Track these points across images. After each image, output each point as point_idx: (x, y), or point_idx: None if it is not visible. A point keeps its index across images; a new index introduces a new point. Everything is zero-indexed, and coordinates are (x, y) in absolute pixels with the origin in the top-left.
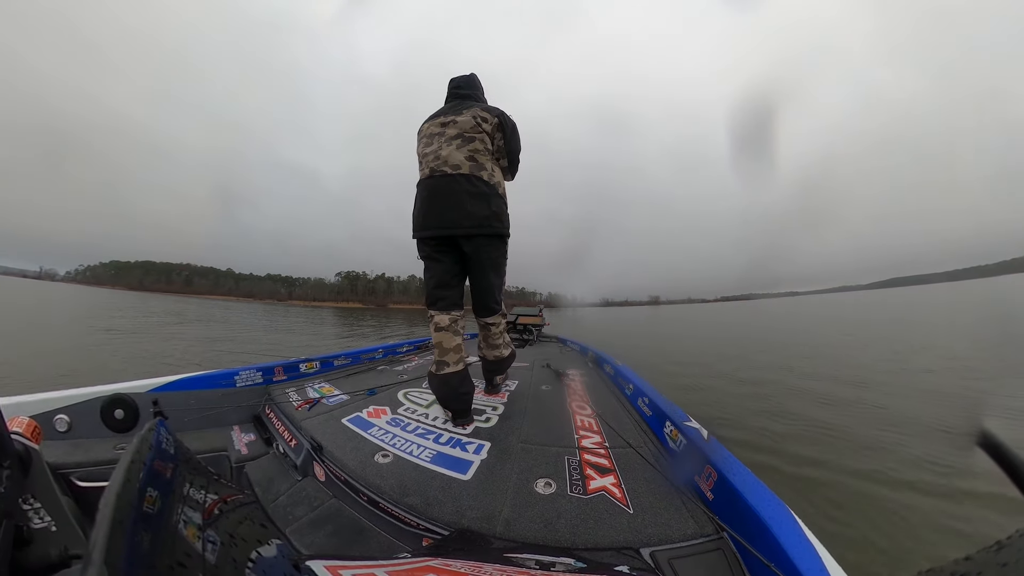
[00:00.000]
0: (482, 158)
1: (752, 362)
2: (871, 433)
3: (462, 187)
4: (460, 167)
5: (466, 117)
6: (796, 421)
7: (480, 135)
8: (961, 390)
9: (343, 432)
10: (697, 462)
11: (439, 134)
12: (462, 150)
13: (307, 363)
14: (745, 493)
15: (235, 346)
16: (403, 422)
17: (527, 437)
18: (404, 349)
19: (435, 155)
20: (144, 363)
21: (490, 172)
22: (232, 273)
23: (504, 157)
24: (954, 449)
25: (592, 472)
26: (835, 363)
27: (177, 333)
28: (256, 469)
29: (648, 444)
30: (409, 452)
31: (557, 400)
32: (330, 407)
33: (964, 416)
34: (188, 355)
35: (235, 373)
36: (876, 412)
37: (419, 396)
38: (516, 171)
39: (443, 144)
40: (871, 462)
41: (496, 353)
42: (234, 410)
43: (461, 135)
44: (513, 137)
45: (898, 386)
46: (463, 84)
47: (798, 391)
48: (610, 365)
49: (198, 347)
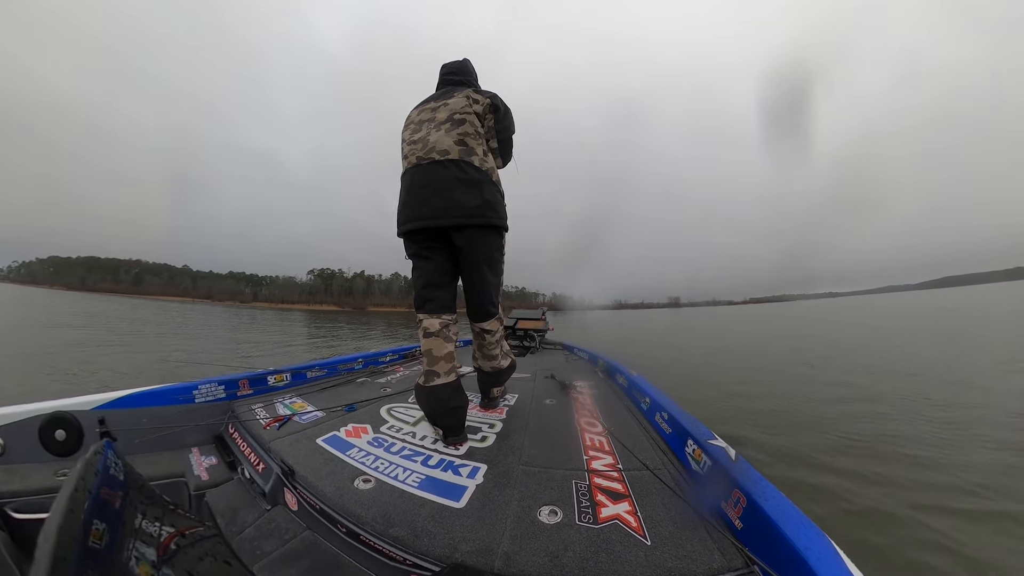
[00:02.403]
0: (472, 142)
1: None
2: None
3: (451, 173)
4: (449, 152)
5: (457, 99)
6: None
7: (470, 116)
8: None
9: (318, 454)
10: (724, 486)
11: (429, 120)
12: (451, 134)
13: (276, 375)
14: (779, 521)
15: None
16: (387, 442)
17: (529, 458)
18: (387, 359)
19: (423, 143)
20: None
21: (481, 157)
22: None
23: (494, 138)
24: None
25: (604, 498)
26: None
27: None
28: (218, 497)
29: (667, 466)
30: (394, 476)
31: (563, 416)
32: (303, 425)
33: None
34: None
35: (194, 387)
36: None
37: (405, 412)
38: (510, 156)
39: (432, 130)
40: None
41: (493, 364)
42: (193, 429)
43: (451, 118)
44: (506, 118)
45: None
46: (455, 70)
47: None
48: (623, 376)
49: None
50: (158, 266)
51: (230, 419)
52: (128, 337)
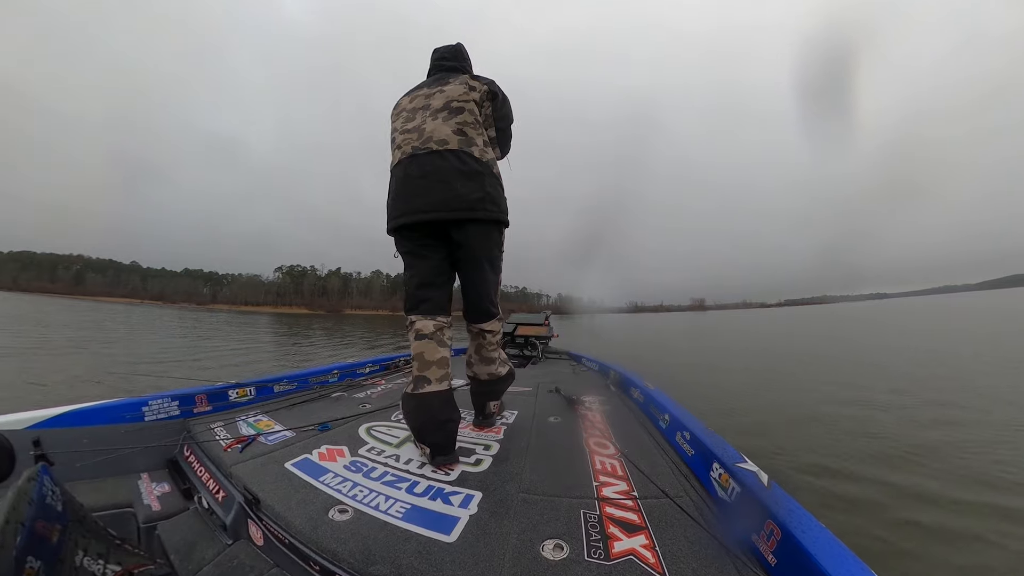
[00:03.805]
0: (472, 131)
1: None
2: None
3: (450, 164)
4: (447, 142)
5: (454, 85)
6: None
7: (468, 104)
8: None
9: (287, 480)
10: (755, 516)
11: (424, 107)
12: (449, 123)
13: (239, 389)
14: (818, 556)
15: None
16: (366, 466)
17: (530, 485)
18: (366, 370)
19: (418, 132)
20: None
21: (481, 148)
22: (138, 268)
23: (492, 127)
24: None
25: (617, 530)
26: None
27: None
28: (172, 530)
29: (690, 493)
30: (375, 506)
31: (569, 436)
32: (269, 447)
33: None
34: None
35: (143, 403)
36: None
37: (387, 432)
38: (508, 146)
39: (427, 118)
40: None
41: (491, 370)
42: (142, 452)
43: (448, 106)
44: (504, 106)
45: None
46: (448, 55)
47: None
48: (639, 389)
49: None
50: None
51: (185, 440)
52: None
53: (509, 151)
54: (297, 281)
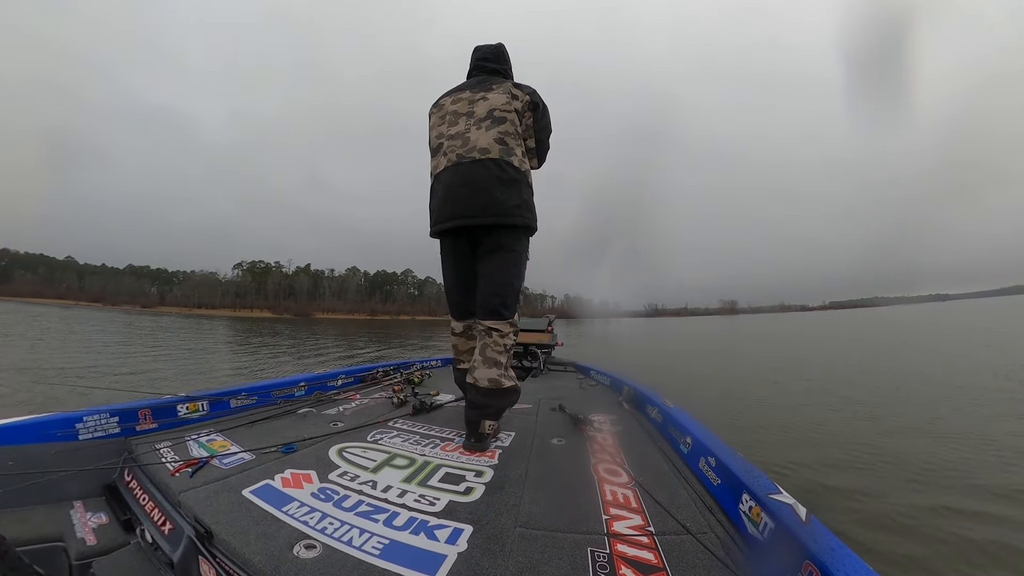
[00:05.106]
0: (512, 141)
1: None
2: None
3: (490, 172)
4: (489, 150)
5: (498, 94)
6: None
7: (511, 114)
8: None
9: (244, 510)
10: (791, 555)
11: (467, 114)
12: (491, 131)
13: (189, 403)
14: None
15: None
16: (338, 494)
17: (529, 519)
18: (338, 383)
19: (462, 139)
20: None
21: (520, 158)
22: (74, 264)
23: (531, 137)
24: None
25: (629, 571)
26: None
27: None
28: (110, 568)
29: (715, 528)
30: (347, 541)
31: (575, 461)
32: (225, 471)
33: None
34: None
35: (77, 419)
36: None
37: (363, 454)
38: (544, 158)
39: (471, 126)
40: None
41: (492, 375)
42: (75, 476)
43: (491, 115)
44: (544, 118)
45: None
46: (491, 56)
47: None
48: (656, 408)
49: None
50: (32, 258)
51: (126, 462)
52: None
53: (545, 162)
54: (260, 279)
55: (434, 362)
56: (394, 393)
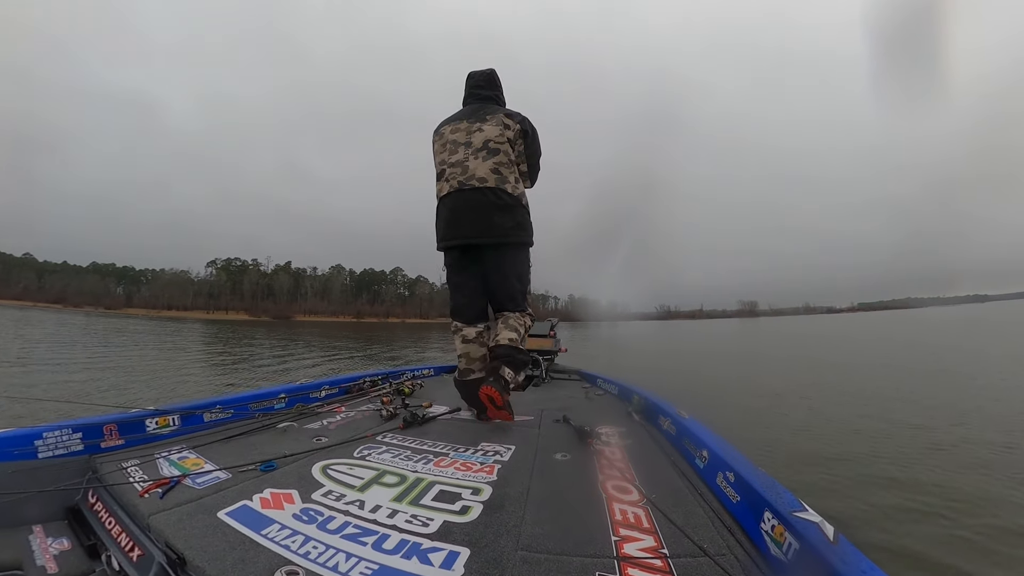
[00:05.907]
0: (506, 170)
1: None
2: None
3: (489, 200)
4: (486, 180)
5: (492, 126)
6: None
7: (504, 145)
8: None
9: (220, 533)
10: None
11: (466, 144)
12: (488, 162)
13: (159, 418)
14: None
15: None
16: (321, 515)
17: (531, 541)
18: (322, 394)
19: (462, 168)
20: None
21: (513, 184)
22: (33, 261)
23: (524, 162)
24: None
25: None
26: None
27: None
28: None
29: (735, 550)
30: (332, 566)
31: (581, 477)
32: (198, 491)
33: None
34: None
35: (36, 435)
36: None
37: (348, 472)
38: (536, 177)
39: (470, 156)
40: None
41: (512, 336)
42: (35, 498)
43: (486, 146)
44: (534, 143)
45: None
46: (484, 83)
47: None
48: (669, 419)
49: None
50: None
51: (91, 483)
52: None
53: (537, 181)
54: (235, 279)
55: (426, 371)
56: (383, 405)
